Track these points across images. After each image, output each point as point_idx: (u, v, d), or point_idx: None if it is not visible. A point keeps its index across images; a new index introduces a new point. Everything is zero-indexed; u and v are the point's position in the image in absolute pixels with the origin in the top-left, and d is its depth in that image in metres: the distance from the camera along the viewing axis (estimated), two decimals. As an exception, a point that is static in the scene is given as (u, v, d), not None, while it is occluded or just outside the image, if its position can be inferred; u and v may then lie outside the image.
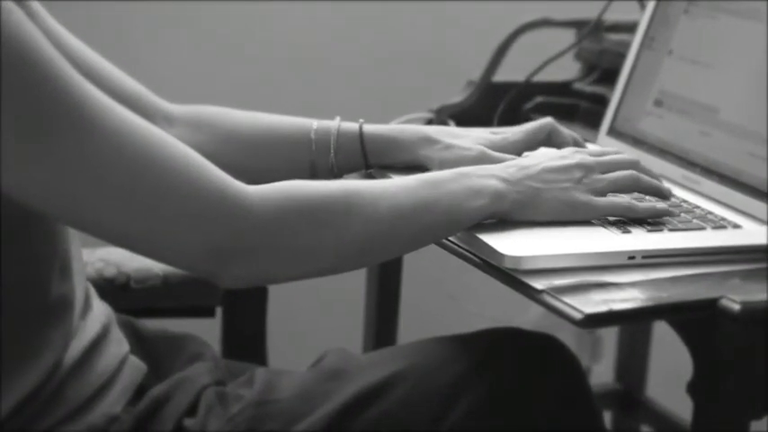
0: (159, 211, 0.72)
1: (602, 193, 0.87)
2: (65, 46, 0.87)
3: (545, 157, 0.88)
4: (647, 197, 0.91)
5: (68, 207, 0.70)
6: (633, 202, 0.87)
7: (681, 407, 1.51)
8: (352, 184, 0.80)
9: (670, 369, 1.65)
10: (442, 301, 1.34)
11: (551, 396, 0.85)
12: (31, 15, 0.83)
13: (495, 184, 0.83)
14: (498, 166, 0.87)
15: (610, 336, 1.64)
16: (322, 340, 1.21)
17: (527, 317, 1.67)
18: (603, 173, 0.88)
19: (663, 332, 1.57)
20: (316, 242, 0.76)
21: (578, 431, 0.86)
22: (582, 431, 0.87)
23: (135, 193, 0.71)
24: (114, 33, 1.56)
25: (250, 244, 0.74)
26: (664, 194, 0.90)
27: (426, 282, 1.28)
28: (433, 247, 0.88)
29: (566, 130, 1.02)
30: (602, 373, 1.81)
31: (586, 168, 0.87)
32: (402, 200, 0.80)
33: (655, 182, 0.90)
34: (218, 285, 0.77)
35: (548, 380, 0.86)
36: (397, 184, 0.81)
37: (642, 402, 1.51)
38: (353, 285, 1.31)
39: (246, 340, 1.19)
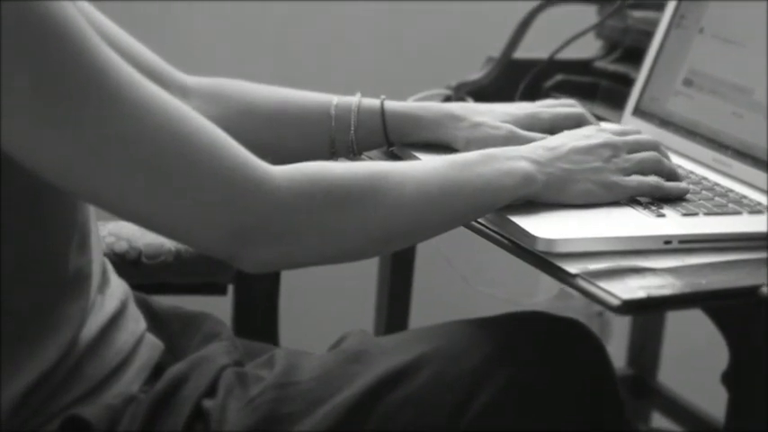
0: (181, 188, 0.69)
1: (629, 173, 0.86)
2: (87, 15, 0.84)
3: (571, 137, 0.87)
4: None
5: (85, 179, 0.68)
6: (660, 180, 0.87)
7: (693, 393, 1.50)
8: (378, 167, 0.78)
9: (682, 355, 1.64)
10: (454, 283, 1.32)
11: (577, 382, 0.84)
12: None
13: (524, 165, 0.82)
14: (526, 147, 0.85)
15: (622, 320, 1.62)
16: (334, 321, 1.19)
17: (536, 299, 1.65)
18: (628, 153, 0.87)
19: (676, 317, 1.56)
20: (342, 226, 0.74)
21: (604, 418, 0.84)
22: (607, 417, 0.85)
23: (157, 167, 0.68)
24: (128, 5, 1.53)
25: (274, 228, 0.72)
26: (679, 179, 0.90)
27: (439, 263, 1.26)
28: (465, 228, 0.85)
29: (595, 123, 0.99)
30: (612, 358, 1.80)
31: (613, 148, 0.86)
32: (430, 182, 0.78)
33: (674, 165, 0.90)
34: (239, 269, 0.74)
35: (574, 366, 0.84)
36: (424, 167, 0.79)
37: (654, 388, 1.50)
38: (366, 266, 1.28)
39: (258, 319, 1.17)
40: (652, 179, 0.87)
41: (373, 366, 0.81)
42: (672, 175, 0.89)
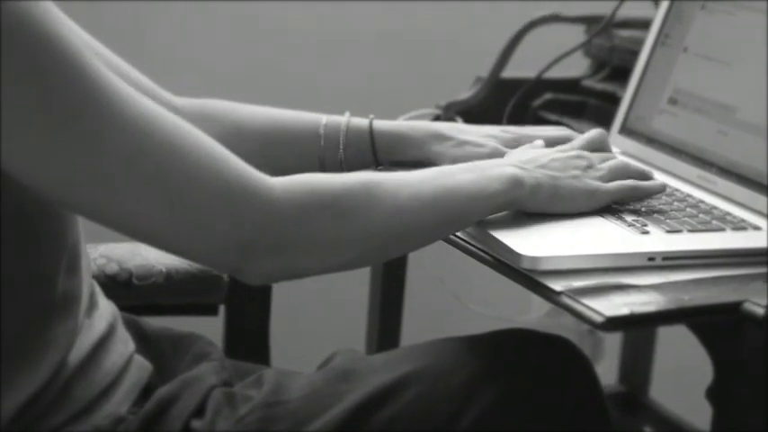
0: (182, 203, 0.70)
1: (605, 181, 0.89)
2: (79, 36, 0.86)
3: (546, 150, 0.90)
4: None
5: (85, 196, 0.69)
6: (637, 181, 0.89)
7: (684, 409, 1.50)
8: (371, 176, 0.79)
9: (674, 371, 1.64)
10: (445, 301, 1.33)
11: (565, 400, 0.84)
12: None
13: (510, 169, 0.84)
14: (509, 158, 0.88)
15: (614, 337, 1.62)
16: (325, 339, 1.19)
17: (528, 317, 1.66)
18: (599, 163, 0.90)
19: (667, 334, 1.56)
20: (340, 235, 0.75)
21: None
22: None
23: (157, 182, 0.69)
24: (117, 27, 1.54)
25: (275, 239, 0.73)
26: (651, 178, 0.92)
27: (430, 281, 1.27)
28: (437, 246, 0.86)
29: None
30: (603, 374, 1.80)
31: (587, 159, 0.89)
32: (423, 188, 0.79)
33: (640, 166, 0.93)
34: (242, 281, 0.75)
35: (561, 383, 0.84)
36: (416, 175, 0.81)
37: (645, 404, 1.50)
38: (357, 284, 1.29)
39: (249, 339, 1.17)
40: (629, 182, 0.88)
41: (361, 385, 0.82)
42: (642, 176, 0.91)
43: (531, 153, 0.88)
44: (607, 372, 1.69)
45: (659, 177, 1.01)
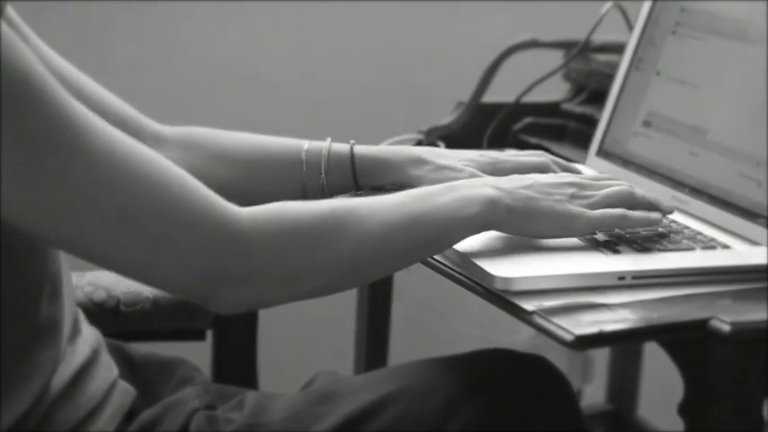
0: (152, 234, 0.71)
1: (594, 208, 0.86)
2: (53, 69, 0.87)
3: (538, 175, 0.89)
4: None
5: (58, 229, 0.70)
6: (626, 210, 0.86)
7: (672, 427, 1.51)
8: (342, 203, 0.80)
9: (661, 389, 1.65)
10: (434, 322, 1.34)
11: (542, 420, 0.85)
12: (21, 37, 0.83)
13: (487, 191, 0.82)
14: (492, 178, 0.87)
15: (602, 356, 1.63)
16: (313, 362, 1.21)
17: (518, 337, 1.67)
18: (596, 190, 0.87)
19: (654, 352, 1.58)
20: (309, 263, 0.76)
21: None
22: None
23: (128, 215, 0.70)
24: (101, 54, 1.57)
25: (243, 269, 0.74)
26: (661, 209, 0.89)
27: (417, 302, 1.28)
28: (423, 267, 0.88)
29: (558, 170, 0.99)
30: (594, 394, 1.81)
31: (579, 186, 0.87)
32: (394, 214, 0.79)
33: (649, 197, 0.89)
34: (212, 311, 0.76)
35: (539, 403, 0.86)
36: (388, 200, 0.81)
37: (633, 423, 1.51)
38: (344, 306, 1.30)
39: (237, 363, 1.19)
40: (616, 210, 0.86)
41: (341, 406, 0.84)
42: (648, 206, 0.88)
43: (519, 176, 0.87)
44: (598, 391, 1.70)
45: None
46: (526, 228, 0.85)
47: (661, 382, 1.63)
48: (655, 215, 0.88)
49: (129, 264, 0.73)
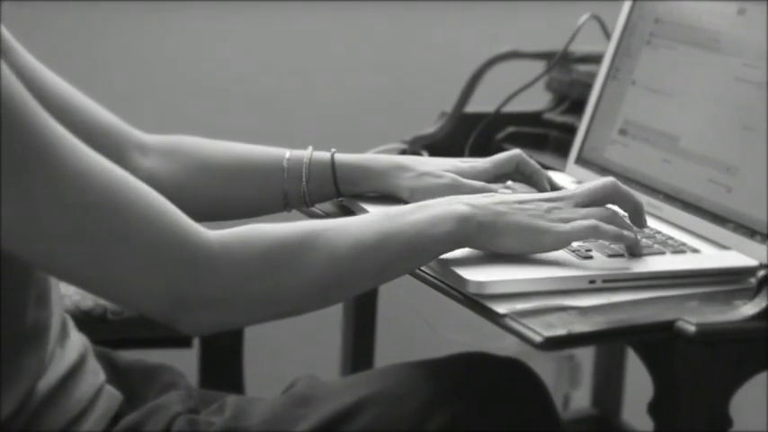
0: (120, 255, 0.72)
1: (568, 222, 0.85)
2: (39, 80, 0.89)
3: (513, 194, 0.88)
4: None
5: (28, 246, 0.71)
6: (599, 222, 0.84)
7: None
8: (312, 225, 0.80)
9: (645, 394, 1.67)
10: (419, 328, 1.36)
11: (517, 422, 0.86)
12: (6, 51, 0.85)
13: (459, 207, 0.82)
14: (467, 195, 0.86)
15: (590, 362, 1.65)
16: (299, 368, 1.22)
17: (504, 343, 1.69)
18: (579, 205, 0.85)
19: (638, 358, 1.59)
20: (275, 287, 0.76)
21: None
22: None
23: (97, 235, 0.71)
24: (88, 63, 1.59)
25: (210, 292, 0.74)
26: (638, 226, 0.88)
27: (404, 308, 1.30)
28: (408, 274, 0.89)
29: (534, 163, 1.02)
30: (582, 399, 1.83)
31: (555, 201, 0.86)
32: (363, 235, 0.79)
33: (625, 224, 0.87)
34: (179, 332, 0.76)
35: (514, 407, 0.87)
36: (357, 221, 0.82)
37: (617, 427, 1.53)
38: (331, 313, 1.32)
39: (223, 369, 1.21)
40: (589, 222, 0.84)
41: (319, 409, 0.85)
42: (630, 227, 0.86)
43: (494, 194, 0.87)
44: (585, 397, 1.72)
45: (613, 206, 1.04)
46: (496, 243, 0.84)
47: (645, 387, 1.65)
48: (628, 233, 0.86)
49: (94, 283, 0.73)
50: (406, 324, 1.39)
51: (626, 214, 0.89)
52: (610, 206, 0.87)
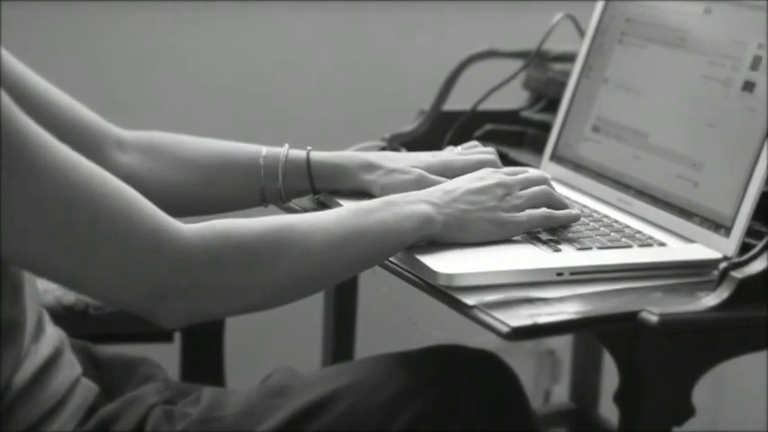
0: (96, 250, 0.73)
1: (522, 210, 0.92)
2: (15, 76, 0.90)
3: (466, 180, 0.93)
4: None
5: (9, 245, 0.72)
6: (551, 211, 0.93)
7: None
8: (285, 220, 0.82)
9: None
10: (400, 320, 1.38)
11: (489, 413, 0.88)
12: None
13: (423, 207, 0.87)
14: (425, 191, 0.91)
15: (569, 358, 1.67)
16: (281, 362, 1.24)
17: (484, 338, 1.70)
18: (520, 190, 0.93)
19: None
20: (249, 279, 0.79)
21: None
22: None
23: (72, 230, 0.72)
24: (88, 63, 1.60)
25: (185, 284, 0.76)
26: (567, 207, 0.96)
27: (385, 303, 1.32)
28: (377, 267, 0.91)
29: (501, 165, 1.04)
30: (562, 394, 1.85)
31: (506, 187, 0.92)
32: (334, 231, 0.83)
33: (561, 196, 0.97)
34: (156, 325, 0.78)
35: (486, 397, 0.89)
36: (328, 217, 0.84)
37: (594, 420, 1.55)
38: (312, 306, 1.34)
39: (205, 363, 1.22)
40: (542, 211, 0.92)
41: (293, 400, 0.87)
42: (561, 205, 0.95)
43: (449, 185, 0.92)
44: (566, 392, 1.74)
45: (585, 201, 1.07)
46: (459, 237, 0.89)
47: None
48: (575, 212, 0.95)
49: (70, 278, 0.75)
50: (386, 316, 1.41)
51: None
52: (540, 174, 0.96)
